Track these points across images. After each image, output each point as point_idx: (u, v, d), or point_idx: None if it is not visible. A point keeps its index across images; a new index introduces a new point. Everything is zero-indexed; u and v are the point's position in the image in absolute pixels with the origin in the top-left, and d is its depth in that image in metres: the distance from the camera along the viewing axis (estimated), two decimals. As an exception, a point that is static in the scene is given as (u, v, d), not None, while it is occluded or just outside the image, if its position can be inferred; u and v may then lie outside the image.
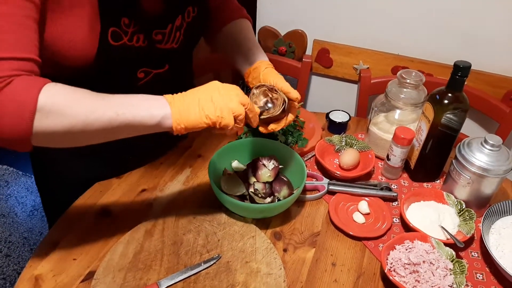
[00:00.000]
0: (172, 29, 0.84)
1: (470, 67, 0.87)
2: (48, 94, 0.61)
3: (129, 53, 0.79)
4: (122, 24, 0.75)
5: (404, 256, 0.80)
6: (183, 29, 0.87)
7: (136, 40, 0.79)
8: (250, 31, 1.01)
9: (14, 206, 2.07)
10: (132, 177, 1.01)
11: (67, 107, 0.62)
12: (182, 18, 0.85)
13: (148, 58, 0.85)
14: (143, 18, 0.78)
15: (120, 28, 0.75)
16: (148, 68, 0.86)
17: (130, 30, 0.77)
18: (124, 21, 0.75)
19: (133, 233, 0.86)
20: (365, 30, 1.41)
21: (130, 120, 0.66)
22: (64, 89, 0.64)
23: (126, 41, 0.77)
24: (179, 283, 0.77)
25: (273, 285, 0.77)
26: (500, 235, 0.88)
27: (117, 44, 0.76)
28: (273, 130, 0.84)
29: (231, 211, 0.91)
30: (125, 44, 0.77)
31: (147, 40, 0.81)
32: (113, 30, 0.75)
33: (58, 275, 0.78)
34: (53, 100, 0.62)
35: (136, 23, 0.77)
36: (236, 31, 1.00)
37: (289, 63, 1.47)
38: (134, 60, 0.83)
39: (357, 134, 1.22)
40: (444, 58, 1.34)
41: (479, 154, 0.89)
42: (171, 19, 0.84)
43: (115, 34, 0.75)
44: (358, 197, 0.99)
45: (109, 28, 0.74)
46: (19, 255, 1.85)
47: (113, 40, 0.75)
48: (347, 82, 1.54)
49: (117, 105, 0.66)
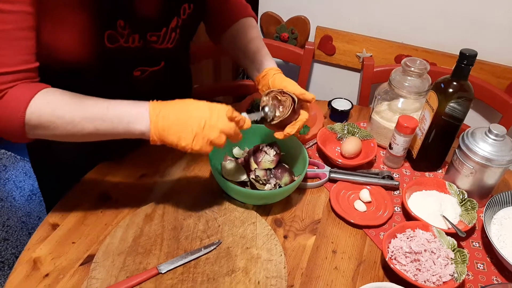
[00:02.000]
0: (167, 31, 0.84)
1: (476, 56, 0.86)
2: (34, 109, 0.67)
3: (126, 54, 0.80)
4: (118, 26, 0.75)
5: (405, 245, 0.80)
6: (179, 28, 0.86)
7: (132, 41, 0.79)
8: (256, 33, 0.99)
9: (12, 190, 2.07)
10: (132, 161, 1.00)
11: (50, 122, 0.68)
12: (177, 18, 0.84)
13: (144, 58, 0.85)
14: (138, 21, 0.78)
15: (116, 30, 0.75)
16: (144, 66, 0.86)
17: (125, 32, 0.77)
18: (119, 23, 0.75)
19: (133, 217, 0.85)
20: (369, 18, 1.39)
21: (111, 133, 0.71)
22: (49, 104, 0.68)
23: (122, 43, 0.77)
24: (179, 268, 0.76)
25: (273, 271, 0.77)
26: (502, 226, 0.88)
27: (113, 46, 0.77)
28: (290, 135, 0.84)
29: (231, 197, 0.90)
30: (121, 46, 0.78)
31: (143, 40, 0.81)
32: (109, 33, 0.75)
33: (56, 258, 0.78)
34: (38, 116, 0.67)
35: (131, 25, 0.77)
36: (242, 33, 0.98)
37: (291, 49, 1.45)
38: (130, 60, 0.83)
39: (359, 122, 1.21)
40: (448, 47, 1.33)
41: (483, 143, 0.88)
42: (165, 22, 0.83)
43: (111, 36, 0.75)
44: (360, 186, 0.99)
45: (105, 31, 0.74)
46: (17, 239, 1.84)
47: (109, 42, 0.76)
48: (349, 70, 1.53)
49: (98, 120, 0.69)
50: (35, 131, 0.69)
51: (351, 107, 1.20)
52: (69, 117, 0.68)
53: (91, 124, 0.69)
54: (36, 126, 0.68)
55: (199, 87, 1.50)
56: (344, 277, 0.79)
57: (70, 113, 0.69)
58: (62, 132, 0.69)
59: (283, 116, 0.81)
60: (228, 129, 0.72)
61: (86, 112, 0.69)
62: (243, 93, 1.52)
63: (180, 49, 0.91)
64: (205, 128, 0.70)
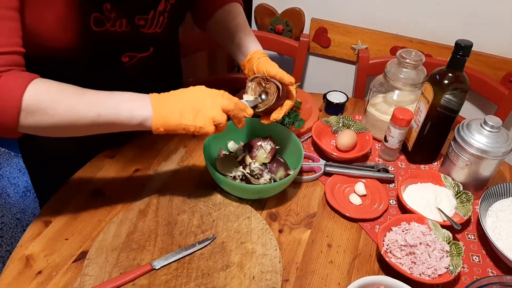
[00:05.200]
0: (155, 14, 0.82)
1: (472, 46, 0.85)
2: (33, 94, 0.63)
3: (113, 38, 0.78)
4: (104, 9, 0.74)
5: (400, 238, 0.79)
6: (167, 13, 0.84)
7: (119, 25, 0.77)
8: (242, 18, 0.97)
9: (6, 187, 2.05)
10: (125, 157, 0.99)
11: (50, 107, 0.64)
12: (165, 1, 0.83)
13: (132, 43, 0.83)
14: (125, 4, 0.76)
15: (102, 13, 0.74)
16: (133, 52, 0.85)
17: (112, 16, 0.75)
18: (106, 6, 0.74)
19: (126, 213, 0.84)
20: (364, 9, 1.38)
21: (112, 120, 0.68)
22: (49, 88, 0.66)
23: (109, 26, 0.76)
24: (173, 264, 0.76)
25: (268, 266, 0.76)
26: (497, 218, 0.88)
27: (100, 30, 0.75)
28: (275, 120, 0.84)
29: (226, 192, 0.89)
30: (108, 30, 0.76)
31: (130, 25, 0.79)
32: (95, 16, 0.73)
33: (49, 255, 0.77)
34: (38, 100, 0.64)
35: (118, 8, 0.75)
36: (228, 19, 0.96)
37: (286, 42, 1.44)
38: (118, 45, 0.82)
39: (355, 115, 1.20)
40: (444, 38, 1.32)
41: (478, 135, 0.87)
42: (153, 5, 0.81)
43: (98, 19, 0.74)
44: (355, 179, 0.98)
45: (91, 14, 0.72)
46: (12, 236, 1.83)
47: (95, 26, 0.74)
48: (345, 62, 1.52)
49: (100, 106, 0.67)
50: (31, 119, 0.64)
51: (346, 100, 1.19)
52: (70, 102, 0.65)
53: (93, 110, 0.66)
54: (35, 111, 0.64)
55: (193, 81, 1.48)
56: (340, 270, 0.79)
57: (71, 99, 0.66)
58: (61, 119, 0.65)
59: (269, 104, 0.80)
60: (230, 106, 0.72)
61: (88, 99, 0.67)
62: (239, 86, 1.51)
63: (168, 34, 0.90)
64: (206, 105, 0.70)
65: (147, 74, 0.90)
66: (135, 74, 0.87)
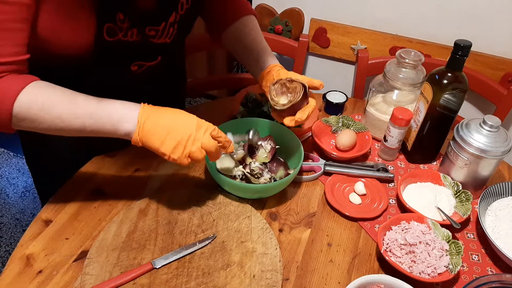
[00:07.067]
0: (166, 25, 0.83)
1: (471, 46, 0.86)
2: (23, 102, 0.66)
3: (124, 48, 0.79)
4: (117, 19, 0.74)
5: (400, 237, 0.80)
6: (176, 24, 0.85)
7: (131, 35, 0.78)
8: (258, 32, 0.99)
9: (5, 187, 2.05)
10: (125, 156, 0.99)
11: (38, 116, 0.68)
12: (175, 13, 0.84)
13: (141, 52, 0.84)
14: (137, 15, 0.77)
15: (115, 24, 0.75)
16: (142, 61, 0.86)
17: (124, 26, 0.76)
18: (119, 16, 0.74)
19: (127, 212, 0.84)
20: (364, 10, 1.38)
21: (97, 130, 0.71)
22: (38, 96, 0.68)
23: (121, 36, 0.77)
24: (174, 263, 0.76)
25: (268, 265, 0.76)
26: (497, 217, 0.88)
27: (112, 39, 0.76)
28: (300, 120, 0.83)
29: (226, 191, 0.90)
30: (120, 40, 0.77)
31: (141, 34, 0.80)
32: (108, 26, 0.74)
33: (50, 255, 0.77)
34: (26, 108, 0.67)
35: (131, 18, 0.76)
36: (243, 33, 0.98)
37: (286, 42, 1.44)
38: (128, 55, 0.83)
39: (354, 115, 1.20)
40: (443, 39, 1.33)
41: (477, 135, 0.88)
42: (164, 16, 0.82)
43: (111, 30, 0.75)
44: (355, 178, 0.98)
45: (104, 24, 0.73)
46: (11, 236, 1.83)
47: (108, 36, 0.75)
48: (344, 62, 1.52)
49: (86, 117, 0.70)
50: (21, 123, 0.68)
51: (346, 100, 1.19)
52: (57, 112, 0.68)
53: (79, 120, 0.69)
54: (24, 119, 0.68)
55: (193, 81, 1.48)
56: (340, 269, 0.79)
57: (58, 108, 0.68)
58: (50, 126, 0.69)
59: (295, 100, 0.81)
60: (209, 146, 0.73)
61: (75, 108, 0.69)
62: (238, 86, 1.51)
63: (176, 44, 0.91)
64: (188, 140, 0.72)
65: (154, 81, 0.91)
66: (142, 81, 0.89)
